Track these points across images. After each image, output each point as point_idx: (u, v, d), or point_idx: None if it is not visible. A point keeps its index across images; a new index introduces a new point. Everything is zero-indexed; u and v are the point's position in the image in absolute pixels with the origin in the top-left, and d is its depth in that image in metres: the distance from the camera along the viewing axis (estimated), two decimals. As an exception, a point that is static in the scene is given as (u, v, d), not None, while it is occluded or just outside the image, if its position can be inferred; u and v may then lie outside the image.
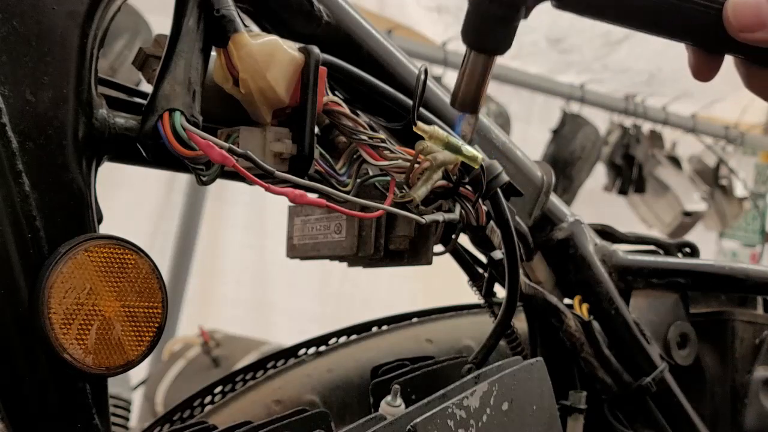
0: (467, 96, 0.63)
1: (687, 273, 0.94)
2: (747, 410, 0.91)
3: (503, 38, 0.60)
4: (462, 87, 0.62)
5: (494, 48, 0.61)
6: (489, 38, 0.60)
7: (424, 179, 0.64)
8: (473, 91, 0.63)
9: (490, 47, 0.61)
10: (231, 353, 2.18)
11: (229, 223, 3.28)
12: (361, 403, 0.90)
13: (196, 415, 0.90)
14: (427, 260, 0.74)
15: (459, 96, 0.63)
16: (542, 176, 0.85)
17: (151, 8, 2.25)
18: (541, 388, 0.70)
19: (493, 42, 0.60)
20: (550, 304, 0.84)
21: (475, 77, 0.62)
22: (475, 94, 0.63)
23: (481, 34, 0.60)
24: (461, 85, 0.62)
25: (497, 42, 0.60)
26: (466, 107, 0.63)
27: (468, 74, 0.62)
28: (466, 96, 0.63)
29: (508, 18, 0.59)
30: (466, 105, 0.63)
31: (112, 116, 0.60)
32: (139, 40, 2.31)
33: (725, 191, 3.88)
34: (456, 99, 0.63)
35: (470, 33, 0.60)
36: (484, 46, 0.61)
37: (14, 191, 0.55)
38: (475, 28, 0.60)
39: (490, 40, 0.60)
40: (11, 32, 0.55)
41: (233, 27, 0.59)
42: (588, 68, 3.34)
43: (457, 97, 0.63)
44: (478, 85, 0.62)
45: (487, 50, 0.61)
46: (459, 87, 0.63)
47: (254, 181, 0.57)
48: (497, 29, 0.59)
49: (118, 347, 0.56)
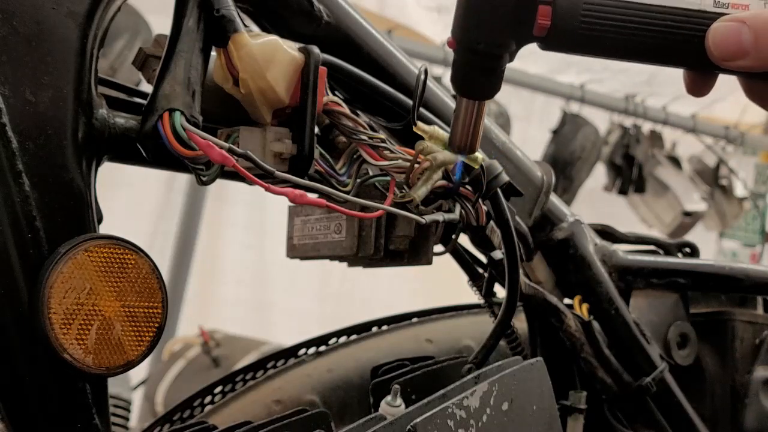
0: (463, 140, 0.65)
1: (687, 273, 0.94)
2: (747, 410, 0.91)
3: (490, 86, 0.62)
4: (457, 132, 0.65)
5: (482, 95, 0.63)
6: (476, 87, 0.62)
7: (424, 179, 0.64)
8: (469, 135, 0.65)
9: (479, 95, 0.62)
10: (231, 353, 2.18)
11: (229, 223, 3.28)
12: (361, 403, 0.90)
13: (196, 415, 0.91)
14: (427, 260, 0.74)
15: (455, 141, 0.65)
16: (542, 176, 0.85)
17: (151, 8, 2.25)
18: (541, 388, 0.70)
19: (481, 90, 0.63)
20: (550, 304, 0.84)
21: (468, 122, 0.64)
22: (471, 138, 0.65)
23: (468, 84, 0.62)
24: (456, 131, 0.65)
25: (484, 90, 0.62)
26: (464, 150, 0.65)
27: (461, 120, 0.64)
28: (463, 140, 0.65)
29: (493, 68, 0.60)
30: (463, 148, 0.65)
31: (112, 116, 0.60)
32: (139, 40, 2.31)
33: (725, 191, 3.88)
34: (453, 143, 0.65)
35: (458, 82, 0.62)
36: (472, 94, 0.63)
37: (14, 191, 0.55)
38: (463, 78, 0.62)
39: (477, 89, 0.62)
40: (11, 32, 0.55)
41: (233, 27, 0.59)
42: (588, 68, 3.33)
43: (454, 142, 0.65)
44: (473, 128, 0.65)
45: (477, 97, 0.63)
46: (455, 133, 0.65)
47: (254, 181, 0.57)
48: (483, 78, 0.61)
49: (118, 347, 0.56)
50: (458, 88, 0.62)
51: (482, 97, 0.63)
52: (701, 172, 3.88)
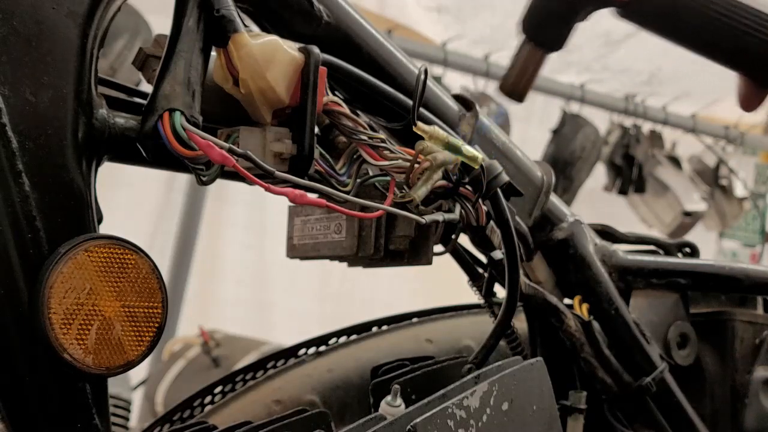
0: (517, 85, 0.66)
1: (687, 273, 0.94)
2: (747, 410, 0.91)
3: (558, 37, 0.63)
4: (513, 76, 0.66)
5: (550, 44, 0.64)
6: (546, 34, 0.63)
7: (424, 179, 0.64)
8: (524, 81, 0.66)
9: (547, 43, 0.64)
10: (231, 353, 2.18)
11: (229, 223, 3.28)
12: (361, 403, 0.90)
13: (196, 415, 0.91)
14: (427, 260, 0.74)
15: (509, 84, 0.66)
16: (542, 176, 0.85)
17: (151, 8, 2.25)
18: (541, 388, 0.70)
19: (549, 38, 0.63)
20: (550, 304, 0.84)
21: (526, 69, 0.65)
22: (525, 85, 0.66)
23: (540, 29, 0.63)
24: (512, 75, 0.65)
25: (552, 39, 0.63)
26: (515, 95, 0.66)
27: (519, 65, 0.65)
28: (516, 85, 0.66)
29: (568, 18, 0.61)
30: (515, 93, 0.66)
31: (112, 116, 0.60)
32: (139, 40, 2.31)
33: (725, 191, 3.88)
34: (506, 86, 0.66)
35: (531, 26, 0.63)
36: (541, 40, 0.64)
37: (14, 191, 0.55)
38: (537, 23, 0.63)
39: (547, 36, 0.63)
40: (11, 32, 0.55)
41: (233, 27, 0.59)
42: (588, 68, 3.33)
43: (507, 84, 0.65)
44: (528, 77, 0.65)
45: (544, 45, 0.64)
46: (510, 76, 0.65)
47: (254, 181, 0.57)
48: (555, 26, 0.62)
49: (118, 347, 0.56)
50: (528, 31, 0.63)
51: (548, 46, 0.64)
52: (701, 172, 3.88)
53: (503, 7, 2.93)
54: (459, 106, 0.78)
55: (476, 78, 3.04)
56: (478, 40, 3.05)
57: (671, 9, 0.58)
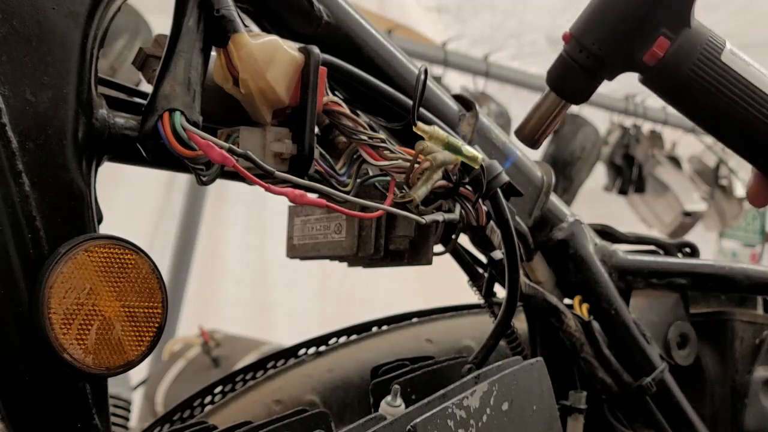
0: (535, 132, 0.67)
1: (687, 273, 0.94)
2: (747, 410, 0.91)
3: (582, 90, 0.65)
4: (531, 122, 0.67)
5: (571, 96, 0.64)
6: (570, 86, 0.65)
7: (424, 179, 0.64)
8: (542, 130, 0.67)
9: (568, 95, 0.64)
10: (231, 353, 2.18)
11: (229, 223, 3.28)
12: (361, 403, 0.90)
13: (196, 415, 0.91)
14: (427, 260, 0.74)
15: (527, 130, 0.67)
16: (542, 176, 0.85)
17: (151, 8, 2.25)
18: (541, 388, 0.70)
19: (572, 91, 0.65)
20: (550, 304, 0.84)
21: (546, 118, 0.66)
22: (543, 133, 0.67)
23: (564, 80, 0.64)
24: (532, 122, 0.66)
25: (575, 92, 0.65)
26: (530, 142, 0.67)
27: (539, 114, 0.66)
28: (534, 132, 0.67)
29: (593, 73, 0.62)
30: (531, 140, 0.67)
31: (112, 116, 0.60)
32: (139, 40, 2.31)
33: (725, 191, 3.88)
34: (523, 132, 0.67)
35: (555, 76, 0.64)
36: (563, 91, 0.64)
37: (14, 191, 0.55)
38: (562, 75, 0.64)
39: (570, 88, 0.65)
40: (11, 32, 0.55)
41: (233, 27, 0.59)
42: (588, 68, 3.33)
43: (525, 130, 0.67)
44: (547, 125, 0.67)
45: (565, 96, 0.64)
46: (528, 121, 0.66)
47: (254, 181, 0.57)
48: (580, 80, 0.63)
49: (118, 347, 0.56)
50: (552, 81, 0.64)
51: (570, 98, 0.65)
52: (701, 172, 3.88)
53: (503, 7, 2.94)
54: (459, 106, 0.78)
55: (476, 78, 3.04)
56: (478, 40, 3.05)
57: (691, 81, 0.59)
